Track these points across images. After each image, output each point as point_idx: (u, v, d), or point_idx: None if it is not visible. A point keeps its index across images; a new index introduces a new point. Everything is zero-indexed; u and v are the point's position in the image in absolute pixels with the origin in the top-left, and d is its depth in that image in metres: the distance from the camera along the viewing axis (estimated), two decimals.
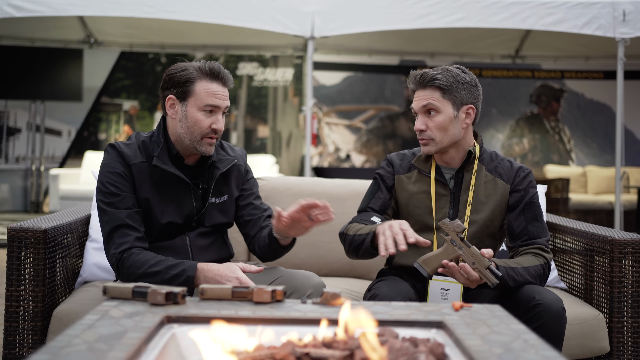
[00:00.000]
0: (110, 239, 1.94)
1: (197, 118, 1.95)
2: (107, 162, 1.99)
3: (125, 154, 1.98)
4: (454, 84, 1.99)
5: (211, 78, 1.96)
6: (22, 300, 2.01)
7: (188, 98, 1.96)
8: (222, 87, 1.98)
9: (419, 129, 2.03)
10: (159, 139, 2.01)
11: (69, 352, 1.09)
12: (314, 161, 9.17)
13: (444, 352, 1.21)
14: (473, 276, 1.79)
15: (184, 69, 1.97)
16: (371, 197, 2.14)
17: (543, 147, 9.50)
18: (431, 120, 2.01)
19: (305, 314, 1.38)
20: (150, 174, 1.99)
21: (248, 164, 2.21)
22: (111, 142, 2.01)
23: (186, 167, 2.04)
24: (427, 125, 2.02)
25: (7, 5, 5.10)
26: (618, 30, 5.26)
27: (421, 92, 2.03)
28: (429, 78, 2.00)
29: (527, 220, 2.02)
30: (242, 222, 2.16)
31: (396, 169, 2.14)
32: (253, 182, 2.20)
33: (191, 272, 1.88)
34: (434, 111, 2.00)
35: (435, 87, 2.00)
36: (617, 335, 2.19)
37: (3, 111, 8.92)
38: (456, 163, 2.08)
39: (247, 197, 2.15)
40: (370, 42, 7.91)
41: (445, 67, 2.04)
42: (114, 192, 1.95)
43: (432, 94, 2.01)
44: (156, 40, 8.13)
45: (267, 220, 2.14)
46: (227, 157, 2.09)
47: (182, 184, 2.01)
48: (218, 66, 1.97)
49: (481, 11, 5.36)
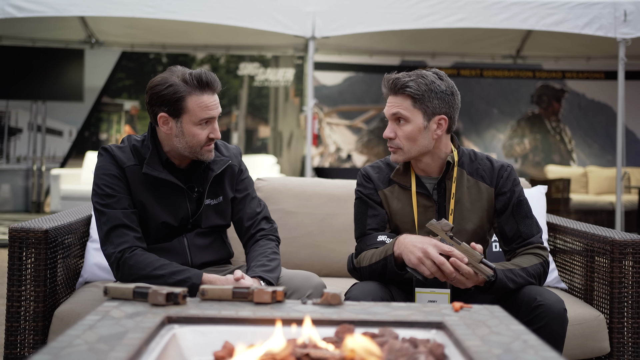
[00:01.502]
0: (107, 239, 1.94)
1: (195, 132, 1.94)
2: (101, 165, 1.99)
3: (118, 157, 1.98)
4: (426, 92, 1.91)
5: (200, 90, 1.92)
6: (24, 300, 2.02)
7: (182, 115, 1.93)
8: (212, 96, 1.95)
9: (387, 136, 1.96)
10: (149, 145, 2.00)
11: (70, 353, 1.09)
12: (315, 161, 9.17)
13: (443, 353, 1.21)
14: (464, 270, 1.76)
15: (169, 84, 1.92)
16: (365, 219, 2.02)
17: (544, 148, 9.50)
18: (400, 128, 1.94)
19: (305, 315, 1.38)
20: (144, 178, 1.99)
21: (243, 162, 2.19)
22: (104, 146, 2.01)
23: (178, 170, 2.04)
24: (396, 134, 1.95)
25: (9, 5, 5.10)
26: (619, 30, 5.26)
27: (392, 98, 1.95)
28: (400, 85, 1.92)
29: (518, 220, 1.98)
30: (236, 224, 2.16)
31: (376, 184, 2.05)
32: (248, 182, 2.17)
33: (196, 279, 1.88)
34: (403, 120, 1.93)
35: (406, 95, 1.92)
36: (618, 336, 2.19)
37: (4, 111, 8.93)
38: (435, 172, 2.01)
39: (242, 200, 2.13)
40: (371, 43, 7.91)
41: (420, 72, 1.95)
42: (110, 194, 1.95)
43: (402, 101, 1.93)
44: (157, 41, 8.13)
45: (260, 226, 2.12)
46: (221, 158, 2.08)
47: (175, 187, 2.01)
48: (204, 74, 1.93)
49: (482, 11, 5.36)
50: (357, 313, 1.41)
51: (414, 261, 1.78)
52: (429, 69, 2.00)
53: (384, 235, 1.97)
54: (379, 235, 1.98)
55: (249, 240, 2.12)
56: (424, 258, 1.77)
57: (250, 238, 2.12)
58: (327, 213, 2.68)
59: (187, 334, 1.33)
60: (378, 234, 1.98)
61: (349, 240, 2.31)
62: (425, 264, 1.77)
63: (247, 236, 2.12)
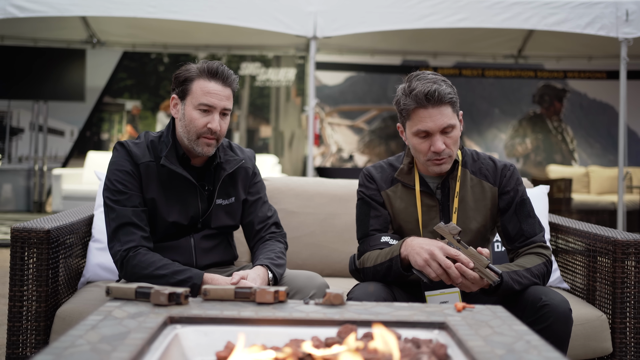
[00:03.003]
0: (115, 235, 1.95)
1: (193, 117, 1.95)
2: (116, 160, 2.00)
3: (133, 153, 1.99)
4: (455, 93, 1.91)
5: (209, 77, 1.96)
6: (26, 300, 2.02)
7: (186, 97, 1.97)
8: (220, 87, 1.97)
9: (440, 150, 1.88)
10: (168, 140, 2.02)
11: (73, 353, 1.09)
12: (317, 161, 9.17)
13: (446, 353, 1.21)
14: (470, 275, 1.75)
15: (187, 68, 1.99)
16: (368, 219, 2.01)
17: (546, 147, 9.49)
18: (448, 137, 1.90)
19: (308, 315, 1.38)
20: (158, 174, 1.99)
21: (257, 166, 2.20)
22: (120, 140, 2.02)
23: (193, 168, 2.04)
24: (446, 143, 1.90)
25: (10, 5, 5.11)
26: (621, 30, 5.26)
27: (434, 110, 1.87)
28: (442, 95, 1.86)
29: (521, 219, 1.99)
30: (245, 228, 2.17)
31: (379, 184, 2.04)
32: (260, 186, 2.18)
33: (198, 280, 1.88)
34: (450, 128, 1.89)
35: (447, 103, 1.88)
36: (620, 336, 2.19)
37: (6, 111, 8.94)
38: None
39: (254, 203, 2.14)
40: (372, 42, 7.90)
41: (435, 76, 1.91)
42: (122, 190, 1.96)
43: (446, 110, 1.88)
44: (159, 40, 8.14)
45: (270, 230, 2.14)
46: (234, 158, 2.09)
47: (188, 184, 2.01)
48: (218, 65, 1.97)
49: (484, 11, 5.36)
50: (360, 313, 1.41)
51: (420, 263, 1.78)
52: (423, 71, 1.97)
53: (387, 236, 1.97)
54: (382, 237, 1.97)
55: (258, 242, 2.13)
56: (431, 260, 1.76)
57: (259, 239, 2.13)
58: (329, 213, 2.68)
59: (190, 334, 1.33)
60: (381, 235, 1.98)
61: (351, 240, 2.31)
62: (431, 266, 1.76)
63: (257, 239, 2.13)
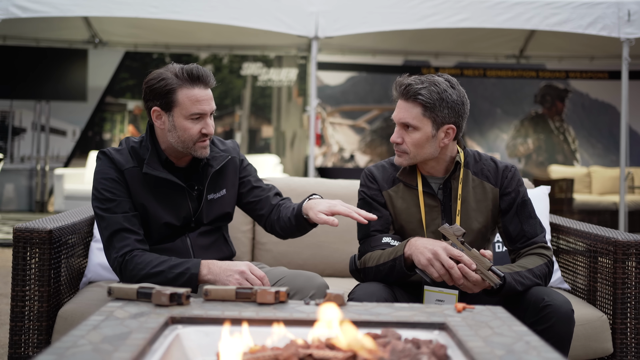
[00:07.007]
0: (110, 244, 1.95)
1: (186, 127, 1.94)
2: (100, 169, 1.99)
3: (116, 160, 1.98)
4: (437, 102, 1.89)
5: (191, 83, 1.93)
6: (28, 300, 2.03)
7: (173, 108, 1.94)
8: (204, 90, 1.95)
9: (394, 141, 1.96)
10: (148, 145, 2.01)
11: (75, 353, 1.10)
12: (318, 161, 9.18)
13: (446, 354, 1.22)
14: (472, 277, 1.76)
15: (161, 78, 1.93)
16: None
17: (547, 148, 9.48)
18: (408, 135, 1.93)
19: (308, 315, 1.38)
20: (144, 179, 1.99)
21: (241, 153, 2.21)
22: (102, 149, 2.01)
23: (178, 169, 2.04)
24: (403, 139, 1.94)
25: (13, 5, 5.12)
26: (623, 30, 5.26)
27: (403, 104, 1.94)
28: (412, 92, 1.90)
29: (522, 220, 1.99)
30: (251, 206, 2.16)
31: (380, 184, 2.04)
32: (250, 169, 2.20)
33: (195, 269, 1.88)
34: (411, 127, 1.92)
35: (417, 103, 1.90)
36: (621, 337, 2.19)
37: (8, 111, 8.95)
38: (440, 172, 2.01)
39: (248, 183, 2.16)
40: (374, 42, 7.90)
41: (433, 79, 1.92)
42: (110, 198, 1.96)
43: (412, 109, 1.92)
44: (161, 41, 8.15)
45: (277, 198, 2.15)
46: (220, 154, 2.08)
47: (175, 187, 2.01)
48: (196, 68, 1.94)
49: (485, 11, 5.36)
50: (360, 314, 1.41)
51: (424, 262, 1.78)
52: (440, 74, 1.96)
53: (389, 237, 1.97)
54: (383, 237, 1.97)
55: (273, 211, 2.13)
56: (434, 260, 1.77)
57: (273, 208, 2.13)
58: None
59: (191, 335, 1.33)
60: (382, 236, 1.98)
61: (352, 240, 2.31)
62: (434, 266, 1.77)
63: (268, 207, 2.14)
